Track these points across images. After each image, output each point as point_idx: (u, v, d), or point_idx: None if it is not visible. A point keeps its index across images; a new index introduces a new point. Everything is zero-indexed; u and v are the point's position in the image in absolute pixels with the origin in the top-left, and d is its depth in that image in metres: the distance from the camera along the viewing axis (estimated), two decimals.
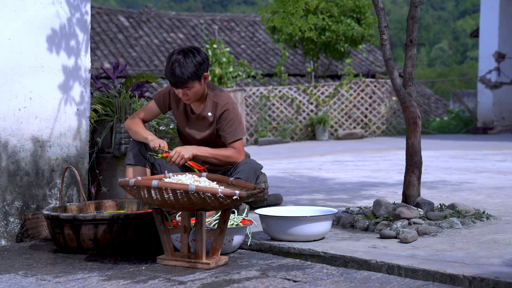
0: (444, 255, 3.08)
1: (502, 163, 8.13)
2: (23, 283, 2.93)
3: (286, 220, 3.52)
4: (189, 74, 3.69)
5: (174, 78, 3.70)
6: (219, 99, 3.89)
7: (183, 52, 3.74)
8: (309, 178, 7.05)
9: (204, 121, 3.92)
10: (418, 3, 4.06)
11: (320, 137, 15.49)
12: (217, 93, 3.91)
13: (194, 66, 3.71)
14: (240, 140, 3.88)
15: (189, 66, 3.69)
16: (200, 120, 3.93)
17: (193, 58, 3.71)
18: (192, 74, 3.70)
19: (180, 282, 2.89)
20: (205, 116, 3.90)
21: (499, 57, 15.85)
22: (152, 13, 23.86)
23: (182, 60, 3.70)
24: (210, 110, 3.89)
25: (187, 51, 3.74)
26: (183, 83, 3.71)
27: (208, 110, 3.89)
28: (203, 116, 3.90)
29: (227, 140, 3.86)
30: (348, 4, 16.35)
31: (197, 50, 3.77)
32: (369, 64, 22.95)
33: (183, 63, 3.69)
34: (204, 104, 3.90)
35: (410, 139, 4.02)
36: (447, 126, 17.18)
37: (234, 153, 3.83)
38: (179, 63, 3.69)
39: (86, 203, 3.92)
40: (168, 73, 3.72)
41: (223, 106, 3.87)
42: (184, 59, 3.70)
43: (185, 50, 3.75)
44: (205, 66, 3.77)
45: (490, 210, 4.31)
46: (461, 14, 49.84)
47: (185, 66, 3.68)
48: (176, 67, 3.69)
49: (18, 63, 3.95)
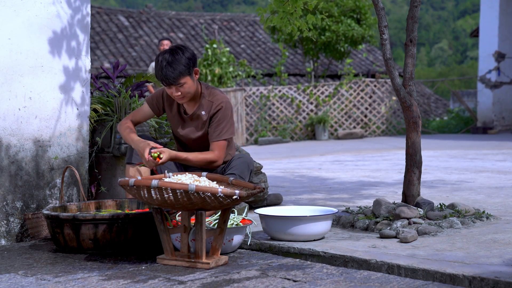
0: (444, 255, 3.08)
1: (502, 163, 8.13)
2: (23, 283, 2.93)
3: (286, 220, 3.52)
4: (180, 69, 3.70)
5: (165, 75, 3.70)
6: (214, 98, 3.88)
7: (170, 51, 3.76)
8: (309, 177, 7.05)
9: (198, 120, 3.90)
10: (418, 2, 4.06)
11: (320, 136, 15.48)
12: (213, 93, 3.90)
13: (184, 61, 3.72)
14: (224, 141, 3.84)
15: (178, 62, 3.70)
16: (194, 119, 3.91)
17: (181, 54, 3.73)
18: (183, 69, 3.71)
19: (180, 281, 2.90)
20: (199, 114, 3.88)
21: (499, 57, 15.85)
22: (152, 12, 23.87)
23: (171, 57, 3.71)
24: (204, 109, 3.88)
25: (174, 49, 3.76)
26: (175, 79, 3.70)
27: (202, 109, 3.88)
28: (197, 115, 3.89)
29: (211, 138, 3.84)
30: (348, 4, 16.34)
31: (183, 47, 3.79)
32: (369, 64, 22.95)
33: (172, 60, 3.70)
34: (198, 103, 3.89)
35: (410, 139, 4.02)
36: (447, 126, 17.17)
37: (213, 156, 3.80)
38: (168, 61, 3.70)
39: (86, 202, 3.92)
40: (159, 72, 3.72)
41: (217, 105, 3.86)
42: (173, 56, 3.71)
43: (171, 49, 3.77)
44: (194, 60, 3.78)
45: (490, 210, 4.31)
46: (461, 14, 49.86)
47: (175, 62, 3.70)
48: (165, 65, 3.69)
49: (18, 63, 3.96)
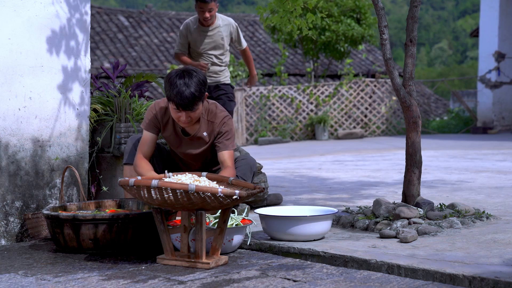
0: (444, 255, 3.08)
1: (502, 163, 8.13)
2: (23, 283, 2.93)
3: (286, 220, 3.52)
4: (197, 94, 3.55)
5: (184, 100, 3.53)
6: (214, 117, 3.79)
7: (184, 73, 3.58)
8: (309, 177, 7.05)
9: (199, 141, 3.83)
10: (418, 2, 4.06)
11: (320, 136, 15.48)
12: (211, 110, 3.79)
13: (198, 85, 3.57)
14: (232, 152, 3.79)
15: (195, 86, 3.55)
16: (195, 140, 3.83)
17: (196, 77, 3.57)
18: (199, 94, 3.57)
19: (180, 281, 2.89)
20: (201, 136, 3.80)
21: (499, 57, 15.85)
22: (152, 12, 23.87)
23: (188, 81, 3.54)
24: (205, 130, 3.79)
25: (187, 71, 3.59)
26: (192, 105, 3.56)
27: (204, 130, 3.79)
28: (198, 137, 3.80)
29: (222, 148, 3.76)
30: (348, 4, 16.34)
31: (194, 70, 3.63)
32: (369, 64, 22.94)
33: (190, 84, 3.53)
34: (198, 124, 3.78)
35: (410, 139, 4.02)
36: (447, 125, 17.17)
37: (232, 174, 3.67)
38: (187, 84, 3.53)
39: (86, 202, 3.92)
40: (177, 97, 3.52)
41: (219, 124, 3.78)
42: (189, 80, 3.54)
43: (185, 71, 3.60)
44: (206, 84, 3.65)
45: (490, 210, 4.31)
46: (461, 14, 49.86)
47: (192, 86, 3.53)
48: (185, 89, 3.52)
49: (18, 63, 3.96)
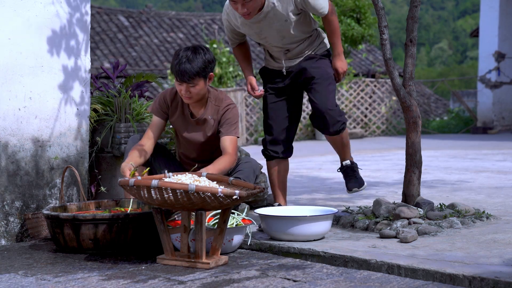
0: (444, 255, 3.08)
1: (502, 163, 8.12)
2: (23, 283, 2.93)
3: (286, 220, 3.52)
4: (198, 68, 3.69)
5: (182, 70, 3.67)
6: (220, 102, 3.90)
7: (192, 48, 3.74)
8: (309, 177, 7.05)
9: (205, 125, 3.92)
10: (418, 2, 4.05)
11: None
12: (219, 97, 3.92)
13: (203, 62, 3.71)
14: (236, 137, 3.84)
15: (198, 61, 3.69)
16: (200, 124, 3.92)
17: (203, 54, 3.72)
18: (200, 69, 3.70)
19: (180, 281, 2.89)
20: (206, 119, 3.90)
21: (499, 57, 15.84)
22: (152, 12, 23.86)
23: (192, 55, 3.69)
24: (210, 114, 3.89)
25: (197, 47, 3.75)
26: (190, 77, 3.68)
27: (209, 114, 3.89)
28: (204, 119, 3.90)
29: (224, 133, 3.82)
30: (348, 4, 16.34)
31: (206, 48, 3.78)
32: (369, 64, 22.94)
33: (193, 58, 3.69)
34: (204, 107, 3.90)
35: (410, 139, 4.02)
36: (447, 126, 17.17)
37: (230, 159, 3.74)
38: (188, 57, 3.69)
39: (86, 202, 3.92)
40: (176, 66, 3.69)
41: (224, 108, 3.88)
42: (194, 55, 3.70)
43: (195, 46, 3.76)
44: (213, 65, 3.78)
45: (490, 210, 4.31)
46: (461, 14, 49.88)
47: (194, 60, 3.68)
48: (185, 61, 3.68)
49: (18, 63, 3.95)
